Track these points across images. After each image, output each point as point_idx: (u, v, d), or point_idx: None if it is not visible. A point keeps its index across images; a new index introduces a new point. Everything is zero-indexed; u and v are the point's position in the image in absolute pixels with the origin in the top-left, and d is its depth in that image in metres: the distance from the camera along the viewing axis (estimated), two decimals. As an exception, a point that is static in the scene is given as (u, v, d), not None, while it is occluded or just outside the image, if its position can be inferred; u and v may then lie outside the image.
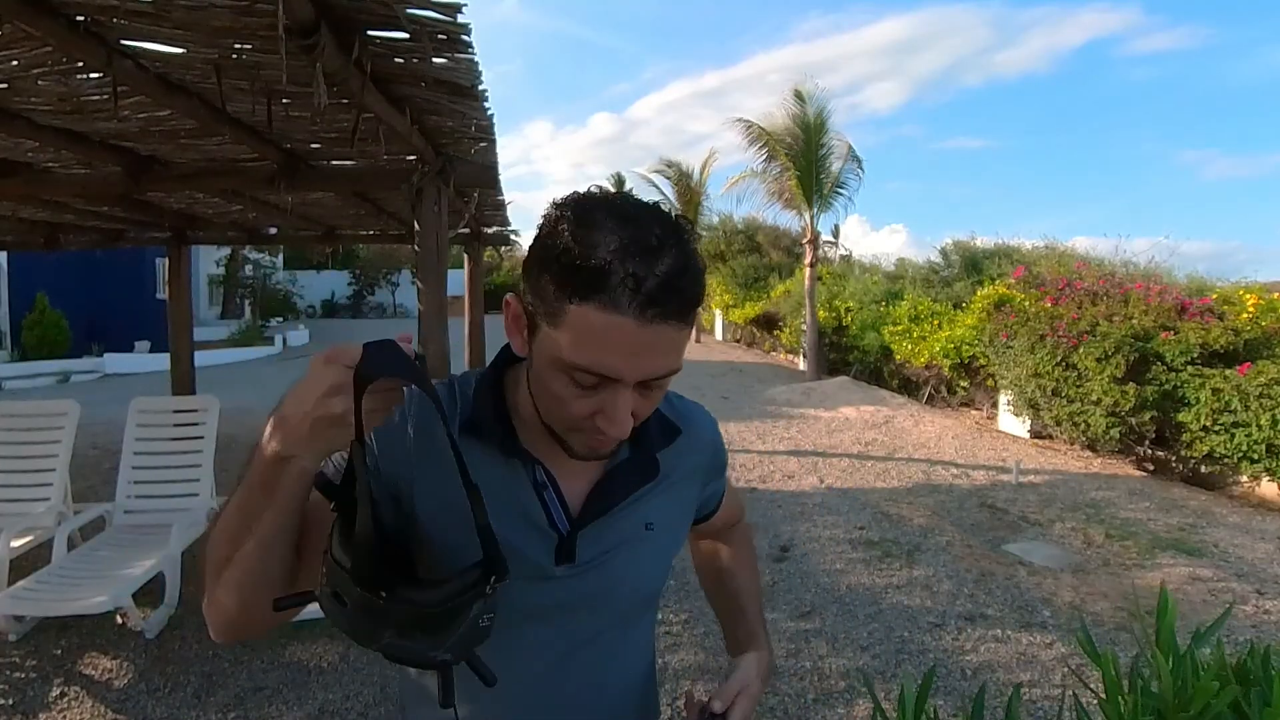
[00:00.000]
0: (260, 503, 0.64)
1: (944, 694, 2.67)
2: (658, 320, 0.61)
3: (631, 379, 0.64)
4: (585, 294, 0.60)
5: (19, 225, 5.34)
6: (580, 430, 0.69)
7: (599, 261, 0.60)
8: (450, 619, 0.61)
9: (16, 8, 1.68)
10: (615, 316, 0.60)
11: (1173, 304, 6.55)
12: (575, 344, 0.62)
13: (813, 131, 11.55)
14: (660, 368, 0.64)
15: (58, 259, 14.02)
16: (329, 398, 0.60)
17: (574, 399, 0.66)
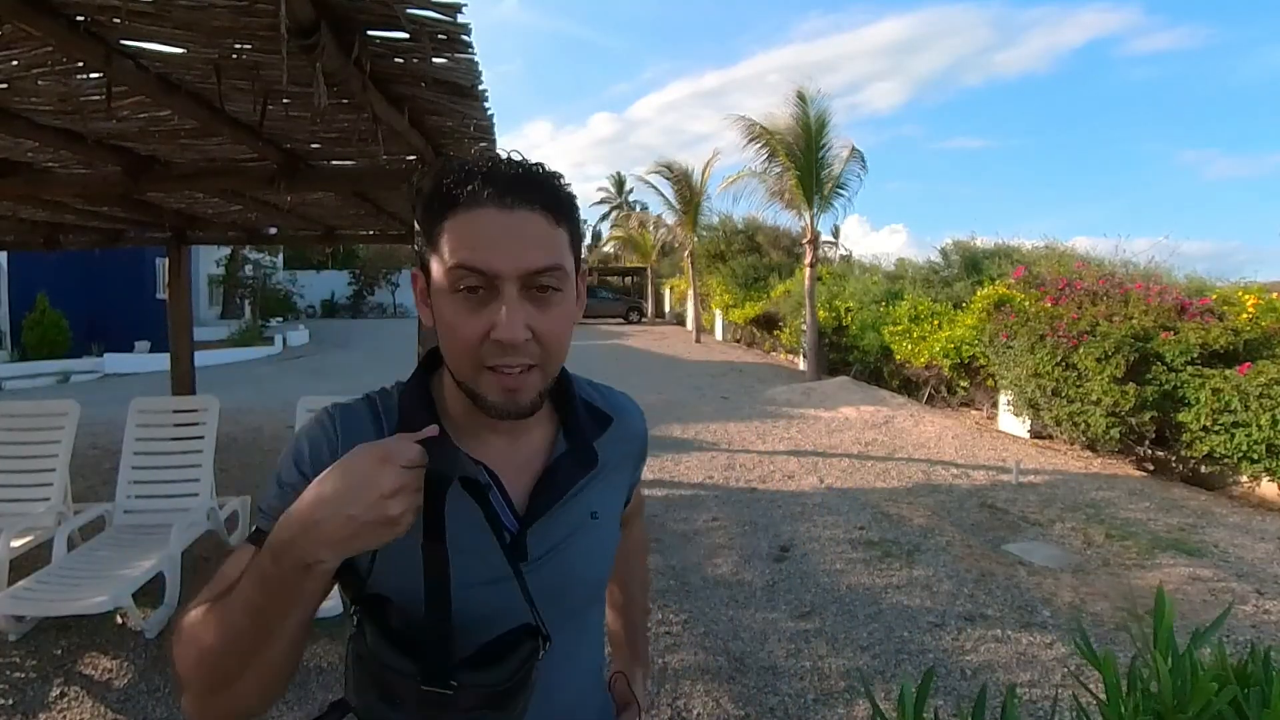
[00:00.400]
0: (276, 611, 0.60)
1: (944, 694, 2.67)
2: (521, 206, 0.65)
3: (508, 269, 0.65)
4: (451, 205, 0.66)
5: (19, 225, 5.34)
6: (485, 366, 0.67)
7: (459, 175, 0.66)
8: (519, 690, 0.63)
9: (16, 8, 1.68)
10: (477, 210, 0.65)
11: (1173, 304, 6.55)
12: (450, 251, 0.66)
13: (813, 132, 11.57)
14: (537, 259, 0.66)
15: (58, 259, 14.04)
16: (387, 500, 0.57)
17: (466, 317, 0.66)
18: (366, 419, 0.76)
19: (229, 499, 4.27)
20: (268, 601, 0.60)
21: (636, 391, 1.08)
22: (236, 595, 0.62)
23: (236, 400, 9.02)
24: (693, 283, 20.24)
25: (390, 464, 0.57)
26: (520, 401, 0.69)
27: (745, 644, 3.05)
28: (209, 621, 0.64)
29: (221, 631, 0.62)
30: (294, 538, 0.58)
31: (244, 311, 21.28)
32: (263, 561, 0.60)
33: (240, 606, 0.61)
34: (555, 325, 0.69)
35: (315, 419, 0.77)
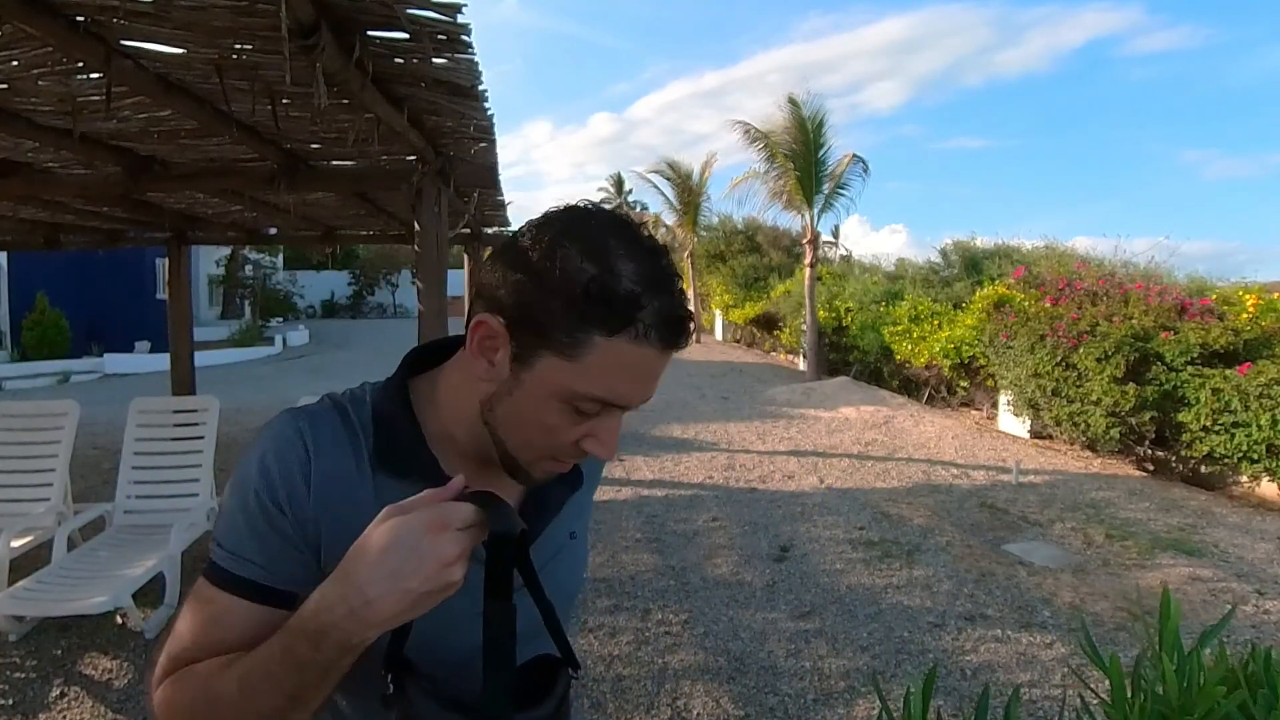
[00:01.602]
0: (313, 691, 0.57)
1: (944, 694, 2.67)
2: (676, 350, 0.63)
3: (638, 405, 0.64)
4: (617, 327, 0.58)
5: (19, 225, 5.35)
6: (555, 457, 0.66)
7: (627, 293, 0.58)
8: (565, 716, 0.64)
9: (16, 8, 1.68)
10: (646, 349, 0.60)
11: (1173, 304, 6.55)
12: (598, 376, 0.60)
13: (810, 133, 11.57)
14: (654, 390, 0.65)
15: (58, 259, 14.04)
16: (450, 568, 0.53)
17: (568, 428, 0.63)
18: (341, 435, 0.68)
19: (229, 499, 4.26)
20: (303, 681, 0.56)
21: (637, 392, 1.07)
22: (258, 671, 0.57)
23: (236, 400, 9.02)
24: (693, 283, 20.23)
25: (448, 530, 0.54)
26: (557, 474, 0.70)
27: (745, 644, 3.05)
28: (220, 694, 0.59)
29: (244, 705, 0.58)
30: (338, 621, 0.53)
31: (244, 311, 21.29)
32: (296, 644, 0.55)
33: (269, 684, 0.57)
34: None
35: (278, 434, 0.67)
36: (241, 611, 0.63)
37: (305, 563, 0.64)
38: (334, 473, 0.66)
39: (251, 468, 0.65)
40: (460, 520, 0.55)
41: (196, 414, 4.15)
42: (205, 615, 0.63)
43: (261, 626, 0.61)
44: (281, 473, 0.65)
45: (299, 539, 0.64)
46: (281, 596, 0.63)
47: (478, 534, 0.56)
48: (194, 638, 0.63)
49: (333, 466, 0.66)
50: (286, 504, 0.64)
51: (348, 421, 0.69)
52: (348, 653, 0.54)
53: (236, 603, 0.63)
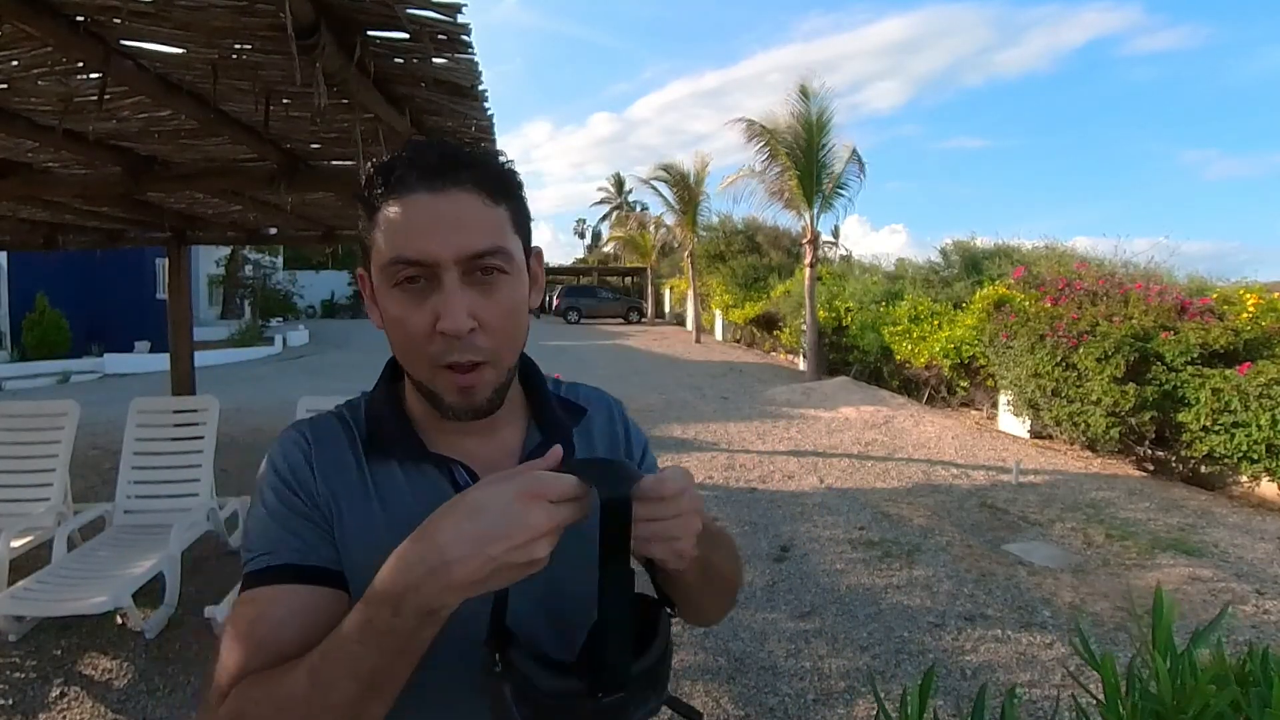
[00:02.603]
0: (390, 666, 0.54)
1: (944, 694, 2.67)
2: (451, 188, 0.62)
3: (444, 254, 0.61)
4: (383, 195, 0.64)
5: (19, 225, 5.34)
6: (436, 364, 0.64)
7: (386, 165, 0.65)
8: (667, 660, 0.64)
9: (16, 8, 1.68)
10: (406, 196, 0.63)
11: (1173, 304, 6.55)
12: (386, 242, 0.63)
13: (814, 131, 11.56)
14: (474, 243, 0.62)
15: (58, 259, 14.04)
16: (536, 541, 0.51)
17: (410, 313, 0.63)
18: (334, 425, 0.73)
19: (229, 499, 4.27)
20: (383, 657, 0.53)
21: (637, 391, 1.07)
22: (340, 660, 0.54)
23: (236, 400, 9.02)
24: (692, 283, 20.24)
25: (539, 501, 0.52)
26: (476, 400, 0.66)
27: (745, 644, 3.05)
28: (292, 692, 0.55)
29: (323, 700, 0.54)
30: (418, 582, 0.51)
31: (244, 311, 21.30)
32: (375, 614, 0.53)
33: (344, 669, 0.54)
34: (503, 312, 0.65)
35: (282, 438, 0.72)
36: (288, 598, 0.62)
37: (327, 539, 0.66)
38: (333, 460, 0.70)
39: (264, 472, 0.70)
40: (555, 491, 0.53)
41: (196, 414, 4.15)
42: (249, 620, 0.61)
43: (313, 606, 0.61)
44: (290, 464, 0.69)
45: (316, 514, 0.67)
46: (322, 573, 0.64)
47: (574, 511, 0.54)
48: (243, 648, 0.60)
49: (332, 456, 0.70)
50: (298, 487, 0.67)
51: (344, 422, 0.73)
52: (427, 621, 0.52)
53: (279, 591, 0.62)
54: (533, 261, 0.71)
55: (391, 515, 0.67)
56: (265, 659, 0.59)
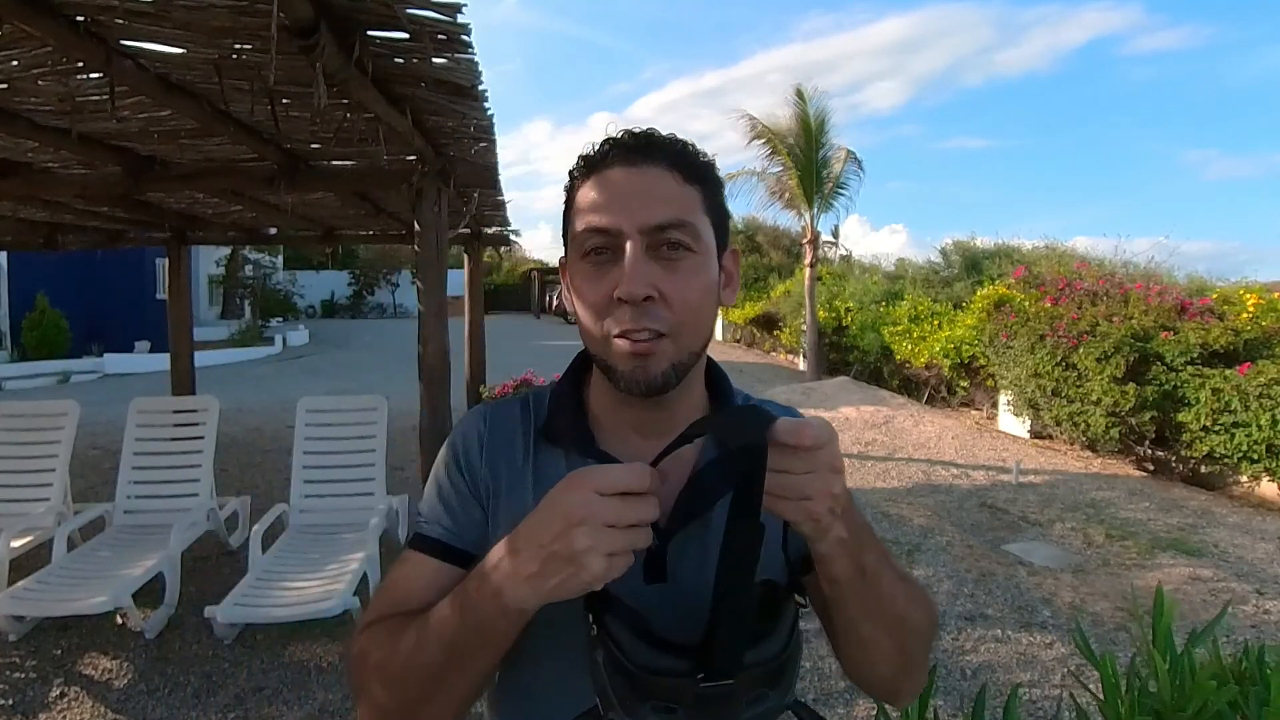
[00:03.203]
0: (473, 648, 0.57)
1: (944, 694, 2.67)
2: (645, 164, 0.64)
3: (629, 225, 0.62)
4: (584, 174, 0.67)
5: (19, 225, 5.35)
6: (612, 334, 0.63)
7: (591, 148, 0.67)
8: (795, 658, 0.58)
9: (16, 8, 1.68)
10: (605, 172, 0.65)
11: (1173, 304, 6.55)
12: (580, 217, 0.65)
13: (813, 131, 11.56)
14: (660, 214, 0.62)
15: (58, 259, 14.02)
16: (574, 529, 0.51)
17: (592, 284, 0.64)
18: (515, 411, 0.75)
19: (229, 499, 4.27)
20: (464, 630, 0.57)
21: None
22: (434, 624, 0.59)
23: (236, 400, 9.02)
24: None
25: (581, 489, 0.51)
26: (650, 371, 0.63)
27: (745, 644, 3.05)
28: (400, 641, 0.61)
29: (419, 652, 0.59)
30: (496, 564, 0.55)
31: (244, 312, 21.27)
32: (469, 585, 0.57)
33: (435, 638, 0.59)
34: (686, 289, 0.63)
35: (466, 419, 0.77)
36: (426, 568, 0.68)
37: (480, 522, 0.70)
38: (503, 445, 0.73)
39: (446, 446, 0.75)
40: (598, 482, 0.51)
41: (196, 414, 4.15)
42: (399, 573, 0.69)
43: (440, 583, 0.66)
44: (464, 445, 0.73)
45: (473, 497, 0.71)
46: (458, 554, 0.68)
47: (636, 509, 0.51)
48: (388, 594, 0.68)
49: (503, 440, 0.73)
50: (465, 467, 0.72)
51: (526, 407, 0.76)
52: (498, 608, 0.54)
53: (423, 560, 0.68)
54: (727, 258, 0.71)
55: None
56: (398, 612, 0.65)
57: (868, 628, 0.65)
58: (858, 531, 0.60)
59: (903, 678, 0.70)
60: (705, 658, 0.52)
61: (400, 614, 0.64)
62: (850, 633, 0.65)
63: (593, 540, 0.50)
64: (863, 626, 0.65)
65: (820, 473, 0.52)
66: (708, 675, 0.52)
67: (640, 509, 0.52)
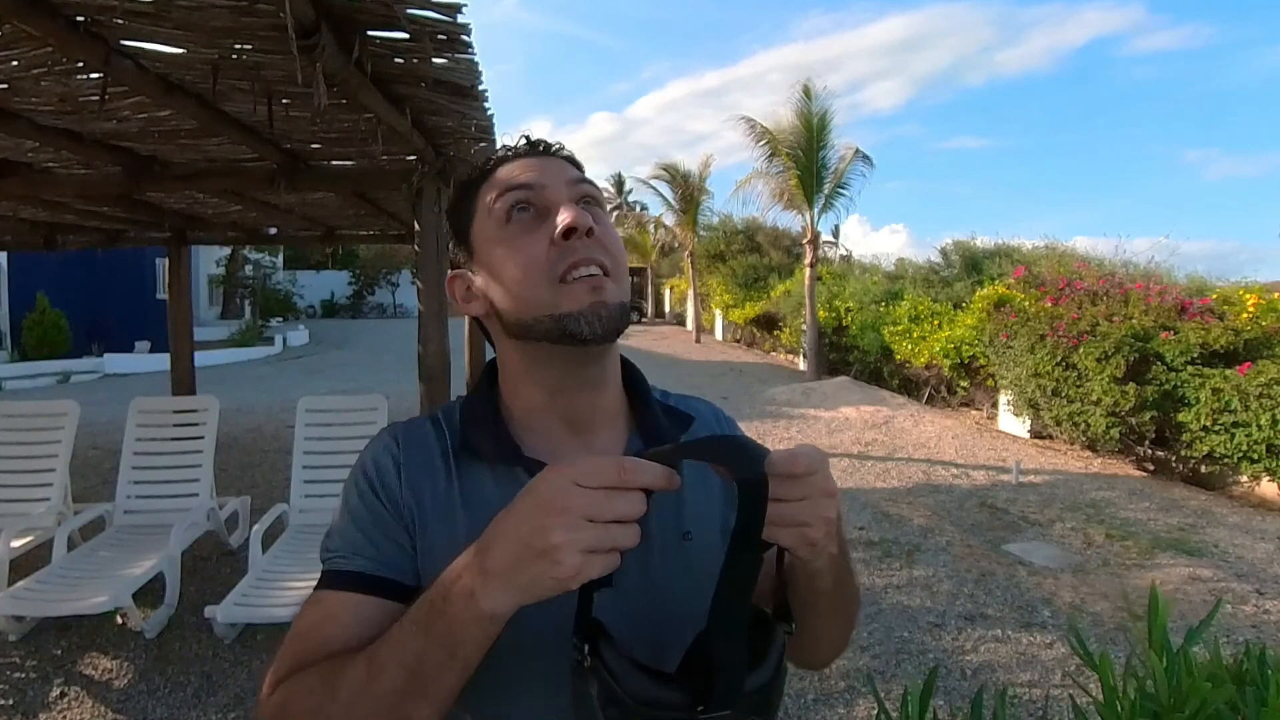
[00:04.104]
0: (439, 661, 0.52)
1: (944, 694, 2.67)
2: (547, 154, 0.71)
3: (555, 181, 0.67)
4: (485, 175, 0.70)
5: (19, 225, 5.34)
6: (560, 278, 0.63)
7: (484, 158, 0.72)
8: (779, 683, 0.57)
9: (16, 8, 1.68)
10: (512, 163, 0.69)
11: (1173, 304, 6.55)
12: (493, 193, 0.68)
13: (815, 130, 11.56)
14: (576, 173, 0.70)
15: (58, 259, 14.03)
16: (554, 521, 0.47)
17: (526, 239, 0.65)
18: (426, 430, 0.71)
19: (229, 499, 4.27)
20: (429, 643, 0.52)
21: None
22: (390, 647, 0.54)
23: (236, 400, 9.02)
24: (693, 283, 20.23)
25: (556, 478, 0.49)
26: (609, 304, 0.63)
27: (745, 644, 3.05)
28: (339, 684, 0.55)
29: (367, 690, 0.54)
30: (463, 567, 0.51)
31: (244, 311, 21.28)
32: (431, 596, 0.53)
33: (394, 662, 0.53)
34: (611, 233, 0.67)
35: (374, 443, 0.72)
36: (348, 605, 0.62)
37: (404, 548, 0.65)
38: (421, 466, 0.68)
39: (353, 474, 0.70)
40: (577, 473, 0.48)
41: (196, 414, 4.15)
42: (312, 618, 0.63)
43: (371, 618, 0.61)
44: (377, 468, 0.68)
45: (396, 522, 0.65)
46: (387, 585, 0.63)
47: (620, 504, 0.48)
48: (300, 643, 0.61)
49: (420, 460, 0.69)
50: (381, 490, 0.66)
51: (437, 424, 0.72)
52: (470, 613, 0.50)
53: (345, 597, 0.62)
54: None
55: (475, 521, 0.63)
56: (320, 659, 0.60)
57: (833, 628, 0.68)
58: (844, 547, 0.62)
59: (836, 653, 0.75)
60: (705, 689, 0.51)
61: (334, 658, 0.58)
62: (814, 633, 0.66)
63: (569, 535, 0.47)
64: (829, 628, 0.68)
65: (815, 499, 0.53)
66: (706, 707, 0.51)
67: (625, 504, 0.49)
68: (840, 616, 0.68)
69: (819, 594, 0.62)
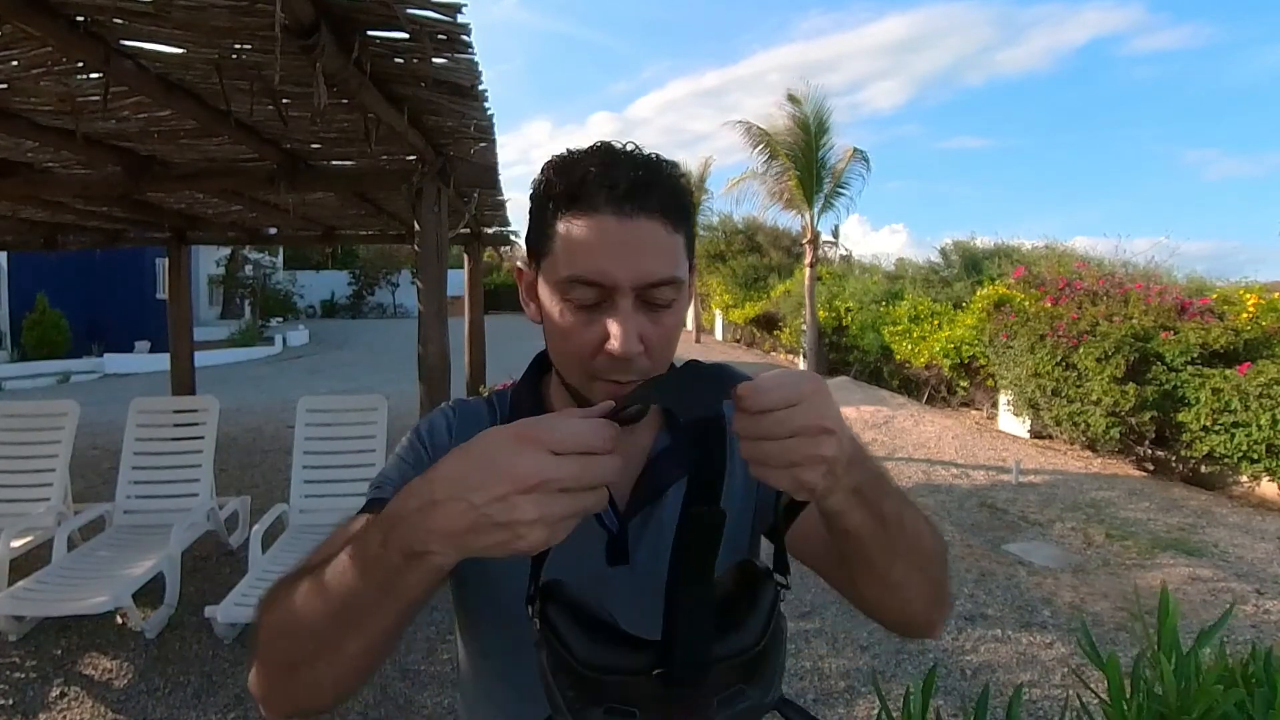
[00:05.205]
0: (371, 598, 0.51)
1: (944, 694, 2.67)
2: (638, 214, 0.62)
3: (625, 281, 0.61)
4: (567, 205, 0.63)
5: (19, 225, 5.34)
6: (595, 374, 0.64)
7: (575, 175, 0.63)
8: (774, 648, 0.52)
9: (16, 8, 1.68)
10: (595, 216, 0.62)
11: (1173, 304, 6.54)
12: (565, 257, 0.63)
13: (812, 131, 11.55)
14: (654, 271, 0.62)
15: (58, 259, 14.02)
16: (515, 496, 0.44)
17: (579, 327, 0.63)
18: (481, 409, 0.77)
19: (229, 499, 4.27)
20: (364, 583, 0.50)
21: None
22: (332, 568, 0.52)
23: (236, 400, 9.02)
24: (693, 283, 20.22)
25: (531, 445, 0.45)
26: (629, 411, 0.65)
27: (745, 644, 3.05)
28: (296, 592, 0.55)
29: (307, 606, 0.53)
30: (406, 514, 0.48)
31: (244, 312, 21.27)
32: (369, 536, 0.50)
33: (333, 582, 0.52)
34: (667, 335, 0.65)
35: (432, 413, 0.78)
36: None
37: None
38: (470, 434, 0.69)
39: (408, 434, 0.75)
40: (554, 438, 0.45)
41: (196, 414, 4.15)
42: (337, 532, 0.63)
43: None
44: (430, 427, 0.75)
45: None
46: None
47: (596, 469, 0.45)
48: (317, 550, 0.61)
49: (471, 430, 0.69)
50: (430, 444, 0.73)
51: (491, 406, 0.77)
52: (413, 562, 0.47)
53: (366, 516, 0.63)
54: (692, 276, 0.72)
55: None
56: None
57: (899, 570, 0.61)
58: (874, 481, 0.56)
59: (934, 609, 0.68)
60: (664, 654, 0.47)
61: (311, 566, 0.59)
62: (878, 579, 0.62)
63: (542, 510, 0.44)
64: (894, 571, 0.61)
65: (803, 436, 0.47)
66: (669, 672, 0.46)
67: (601, 469, 0.46)
68: (903, 555, 0.61)
69: (859, 537, 0.56)
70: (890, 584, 0.62)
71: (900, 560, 0.60)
